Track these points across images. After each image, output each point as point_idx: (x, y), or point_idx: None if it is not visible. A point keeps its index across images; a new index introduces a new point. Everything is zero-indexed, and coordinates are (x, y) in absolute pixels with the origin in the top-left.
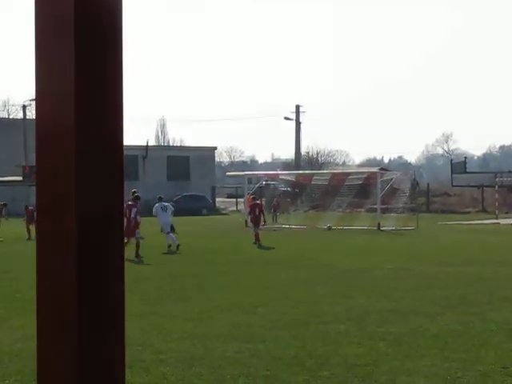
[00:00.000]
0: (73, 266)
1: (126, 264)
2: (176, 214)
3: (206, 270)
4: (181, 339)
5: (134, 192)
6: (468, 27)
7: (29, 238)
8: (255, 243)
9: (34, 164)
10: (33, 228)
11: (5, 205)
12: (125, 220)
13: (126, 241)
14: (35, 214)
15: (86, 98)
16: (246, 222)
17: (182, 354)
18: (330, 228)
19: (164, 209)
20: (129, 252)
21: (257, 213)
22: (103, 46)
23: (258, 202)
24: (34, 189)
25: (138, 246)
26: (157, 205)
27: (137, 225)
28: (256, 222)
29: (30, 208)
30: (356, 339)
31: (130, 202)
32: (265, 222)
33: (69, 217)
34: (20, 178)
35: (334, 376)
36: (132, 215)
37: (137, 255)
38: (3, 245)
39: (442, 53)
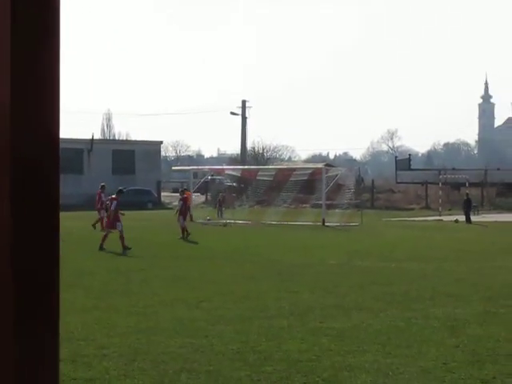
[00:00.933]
0: (6, 254)
1: (74, 259)
2: (121, 207)
3: (151, 264)
4: (124, 334)
5: (103, 186)
6: (415, 28)
7: None
8: (182, 237)
9: None
10: None
11: None
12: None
13: (105, 233)
14: None
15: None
16: (191, 216)
17: (125, 348)
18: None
19: None
20: (110, 244)
21: (187, 206)
22: (40, 42)
23: (185, 196)
24: None
25: (121, 238)
26: None
27: (117, 217)
28: (185, 215)
29: None
30: (299, 334)
31: (113, 196)
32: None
33: (3, 205)
34: None
35: (276, 371)
36: (113, 208)
37: (124, 247)
38: None
39: (388, 50)
